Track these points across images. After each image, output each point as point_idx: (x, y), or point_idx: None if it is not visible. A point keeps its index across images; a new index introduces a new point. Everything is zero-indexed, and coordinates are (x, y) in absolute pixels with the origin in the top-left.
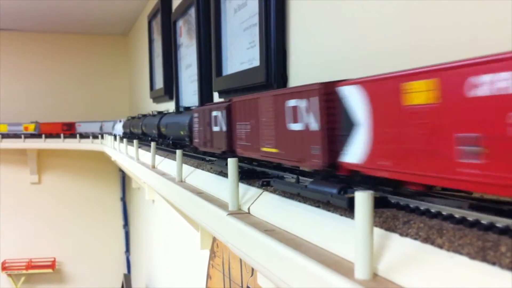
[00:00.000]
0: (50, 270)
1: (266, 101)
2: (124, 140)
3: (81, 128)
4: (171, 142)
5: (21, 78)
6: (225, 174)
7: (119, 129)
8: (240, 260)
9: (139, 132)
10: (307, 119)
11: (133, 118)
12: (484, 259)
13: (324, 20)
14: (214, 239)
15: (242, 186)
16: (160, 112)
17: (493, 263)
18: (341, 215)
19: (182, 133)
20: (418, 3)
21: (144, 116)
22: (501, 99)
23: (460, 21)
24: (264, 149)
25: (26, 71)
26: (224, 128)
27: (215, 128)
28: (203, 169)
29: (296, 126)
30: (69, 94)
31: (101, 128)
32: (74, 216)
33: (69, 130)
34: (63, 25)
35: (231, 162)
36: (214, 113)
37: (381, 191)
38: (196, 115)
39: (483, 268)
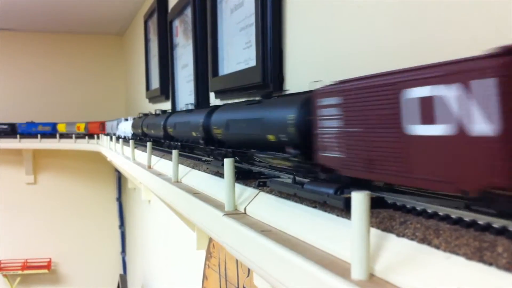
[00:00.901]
0: (45, 271)
1: None
2: (120, 140)
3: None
4: (230, 152)
5: (16, 78)
6: (221, 175)
7: (126, 129)
8: (236, 260)
9: (160, 135)
10: None
11: (146, 115)
12: (481, 259)
13: (320, 20)
14: (210, 240)
15: (239, 187)
16: (197, 105)
17: (490, 264)
18: (338, 215)
19: (272, 138)
20: (415, 1)
21: (166, 113)
22: None
23: (458, 19)
24: None
25: (21, 70)
26: None
27: (433, 129)
28: (199, 170)
29: None
30: (64, 93)
31: (111, 127)
32: (70, 217)
33: (103, 129)
34: (59, 25)
35: (228, 162)
36: (424, 91)
37: None
38: (332, 101)
39: (480, 268)
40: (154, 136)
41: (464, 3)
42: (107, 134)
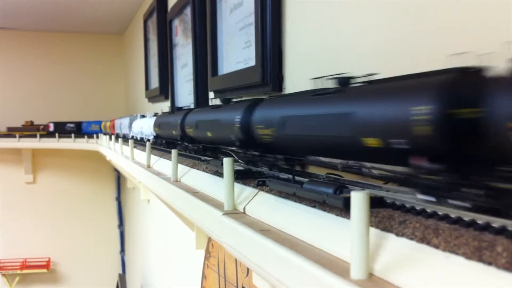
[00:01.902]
0: (44, 270)
1: None
2: (120, 139)
3: None
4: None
5: (15, 77)
6: (220, 174)
7: (144, 129)
8: (236, 260)
9: (229, 139)
10: None
11: (180, 109)
12: (480, 259)
13: (320, 20)
14: (210, 239)
15: (238, 186)
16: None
17: (489, 263)
18: (337, 215)
19: None
20: (413, 1)
21: (241, 102)
22: None
23: (456, 19)
24: None
25: (19, 70)
26: None
27: None
28: (198, 169)
29: None
30: (64, 93)
31: (120, 126)
32: (69, 216)
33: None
34: (58, 24)
35: (227, 162)
36: None
37: None
38: None
39: (479, 268)
40: (214, 142)
41: (462, 3)
42: (118, 135)
